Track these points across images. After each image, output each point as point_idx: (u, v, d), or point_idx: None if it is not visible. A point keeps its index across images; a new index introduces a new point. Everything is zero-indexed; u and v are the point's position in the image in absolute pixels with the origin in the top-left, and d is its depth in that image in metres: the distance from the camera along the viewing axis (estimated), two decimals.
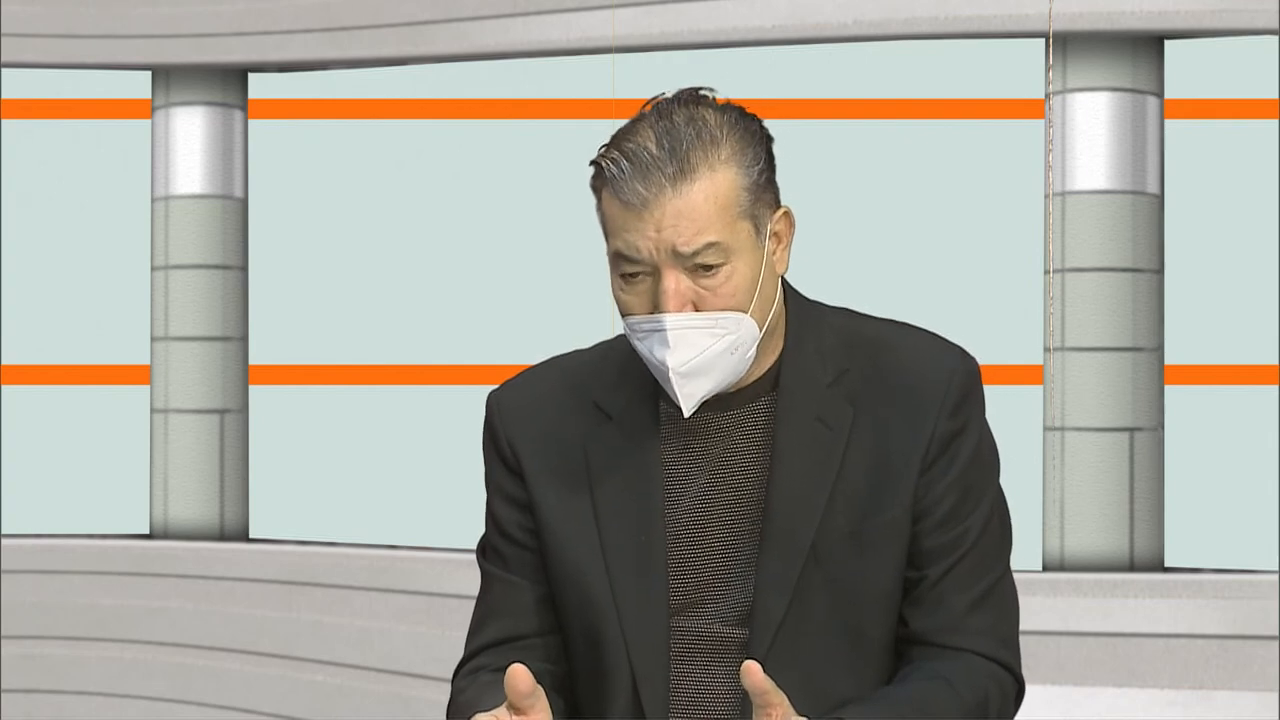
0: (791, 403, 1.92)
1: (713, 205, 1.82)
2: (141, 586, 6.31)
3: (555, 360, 2.07)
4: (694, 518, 1.93)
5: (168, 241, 6.42)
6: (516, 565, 2.01)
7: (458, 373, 6.05)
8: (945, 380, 1.92)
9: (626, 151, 1.82)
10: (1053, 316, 5.24)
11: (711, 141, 1.83)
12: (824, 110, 5.51)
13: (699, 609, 1.92)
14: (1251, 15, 4.99)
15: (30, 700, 6.39)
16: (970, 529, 1.92)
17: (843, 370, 1.94)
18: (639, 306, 1.86)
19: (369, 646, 5.93)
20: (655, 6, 5.52)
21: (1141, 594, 5.06)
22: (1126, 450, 5.22)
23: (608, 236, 1.87)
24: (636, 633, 1.92)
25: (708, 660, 1.92)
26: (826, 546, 1.89)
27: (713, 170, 1.83)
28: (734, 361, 1.87)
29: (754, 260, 1.86)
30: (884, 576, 1.90)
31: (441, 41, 5.89)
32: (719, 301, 1.84)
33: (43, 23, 6.35)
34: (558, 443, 1.98)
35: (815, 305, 1.99)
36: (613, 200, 1.84)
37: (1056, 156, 5.22)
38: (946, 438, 1.91)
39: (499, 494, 2.02)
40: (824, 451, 1.90)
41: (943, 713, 1.84)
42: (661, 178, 1.81)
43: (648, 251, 1.83)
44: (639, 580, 1.92)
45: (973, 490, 1.93)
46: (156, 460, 6.46)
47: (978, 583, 1.92)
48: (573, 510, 1.96)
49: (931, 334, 1.98)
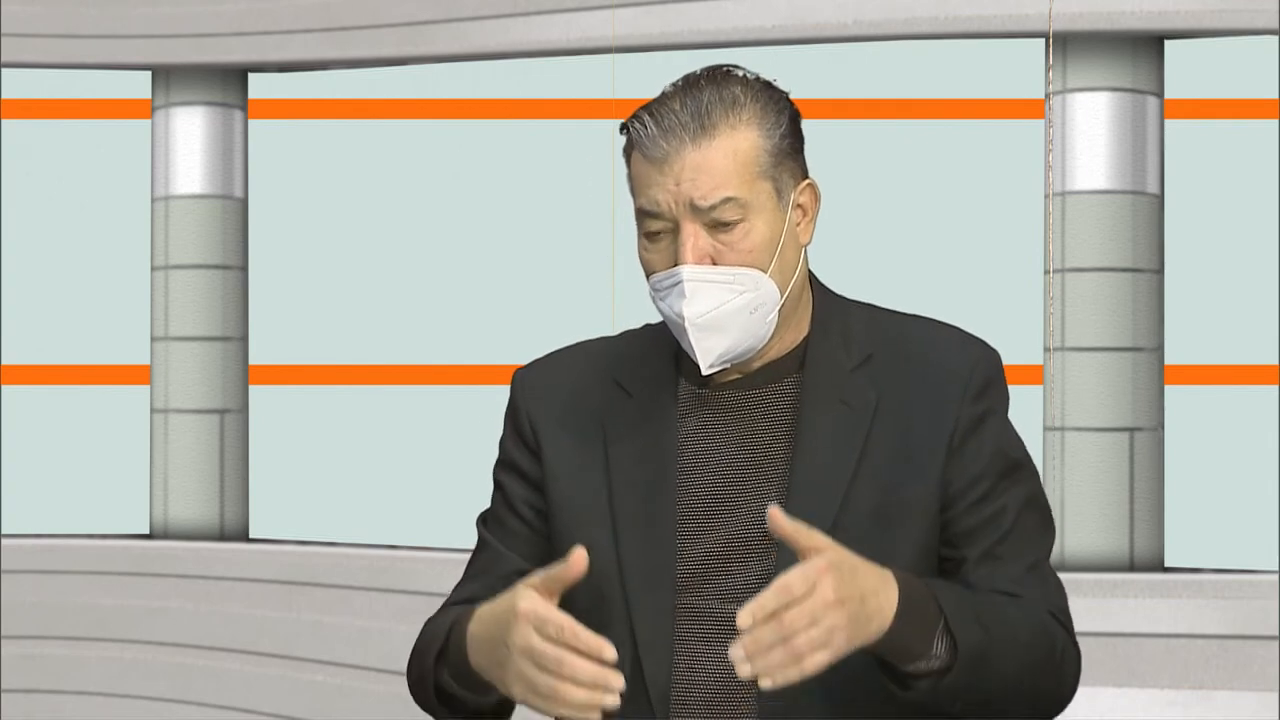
0: (816, 384, 1.95)
1: (731, 161, 1.87)
2: (141, 586, 6.32)
3: (581, 344, 2.11)
4: (711, 494, 1.95)
5: (168, 241, 6.42)
6: (511, 539, 2.04)
7: (458, 373, 6.05)
8: (969, 368, 1.95)
9: (653, 112, 1.89)
10: (1053, 316, 5.24)
11: (734, 103, 1.89)
12: (824, 110, 5.51)
13: (712, 585, 1.93)
14: (1251, 15, 4.99)
15: (30, 700, 6.39)
16: (1010, 505, 1.94)
17: (867, 355, 1.96)
18: (661, 264, 1.91)
19: (369, 646, 5.93)
20: (655, 6, 5.52)
21: (1141, 594, 5.06)
22: (1126, 450, 5.22)
23: (634, 196, 1.93)
24: (641, 607, 1.93)
25: (720, 637, 1.92)
26: (848, 524, 1.90)
27: (733, 129, 1.88)
28: (754, 323, 1.90)
29: (774, 222, 1.90)
30: (905, 555, 1.90)
31: (441, 41, 5.89)
32: (736, 257, 1.88)
33: (43, 23, 6.35)
34: (576, 418, 2.01)
35: (840, 297, 2.03)
36: (639, 158, 1.90)
37: (1056, 156, 5.23)
38: (973, 421, 1.93)
39: (512, 469, 2.05)
40: (848, 432, 1.93)
41: (1014, 620, 1.86)
42: (684, 133, 1.87)
43: (667, 205, 1.88)
44: (647, 555, 1.94)
45: (1009, 468, 1.95)
46: (156, 460, 6.46)
47: (1024, 556, 1.94)
48: (586, 485, 1.98)
49: (955, 327, 2.02)
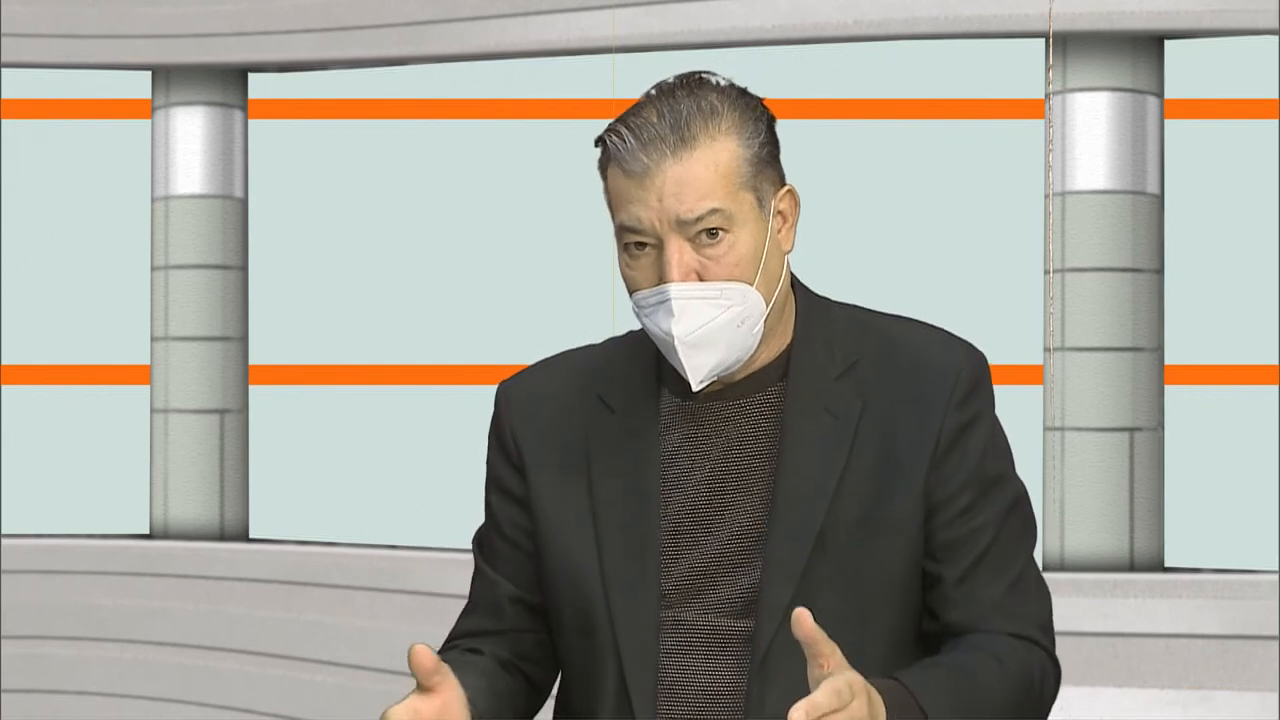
0: (800, 393, 1.93)
1: (714, 173, 1.85)
2: (141, 586, 6.31)
3: (566, 354, 2.09)
4: (696, 507, 1.94)
5: (168, 241, 6.42)
6: (502, 564, 2.03)
7: (457, 373, 6.05)
8: (953, 373, 1.93)
9: (630, 125, 1.86)
10: (1053, 316, 5.24)
11: (712, 112, 1.86)
12: (824, 110, 5.51)
13: (698, 599, 1.92)
14: (1251, 15, 4.99)
15: (30, 700, 6.39)
16: (991, 520, 1.93)
17: (851, 363, 1.95)
18: (644, 281, 1.88)
19: (369, 646, 5.93)
20: (655, 6, 5.52)
21: (1141, 594, 5.06)
22: (1126, 450, 5.22)
23: (613, 213, 1.90)
24: (625, 621, 1.92)
25: (705, 651, 1.92)
26: (834, 535, 1.89)
27: (713, 140, 1.86)
28: (741, 335, 1.88)
29: (757, 232, 1.88)
30: (891, 567, 1.90)
31: (441, 41, 5.89)
32: (722, 271, 1.86)
33: (43, 23, 6.35)
34: (560, 435, 2.00)
35: (823, 299, 2.01)
36: (617, 173, 1.87)
37: (1056, 156, 5.22)
38: (956, 430, 1.92)
39: (498, 488, 2.04)
40: (832, 441, 1.91)
41: (989, 681, 1.85)
42: (664, 146, 1.84)
43: (650, 222, 1.85)
44: (630, 569, 1.93)
45: (991, 482, 1.94)
46: (156, 460, 6.46)
47: (1007, 571, 1.93)
48: (570, 501, 1.97)
49: (940, 329, 2.00)
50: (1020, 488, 1.98)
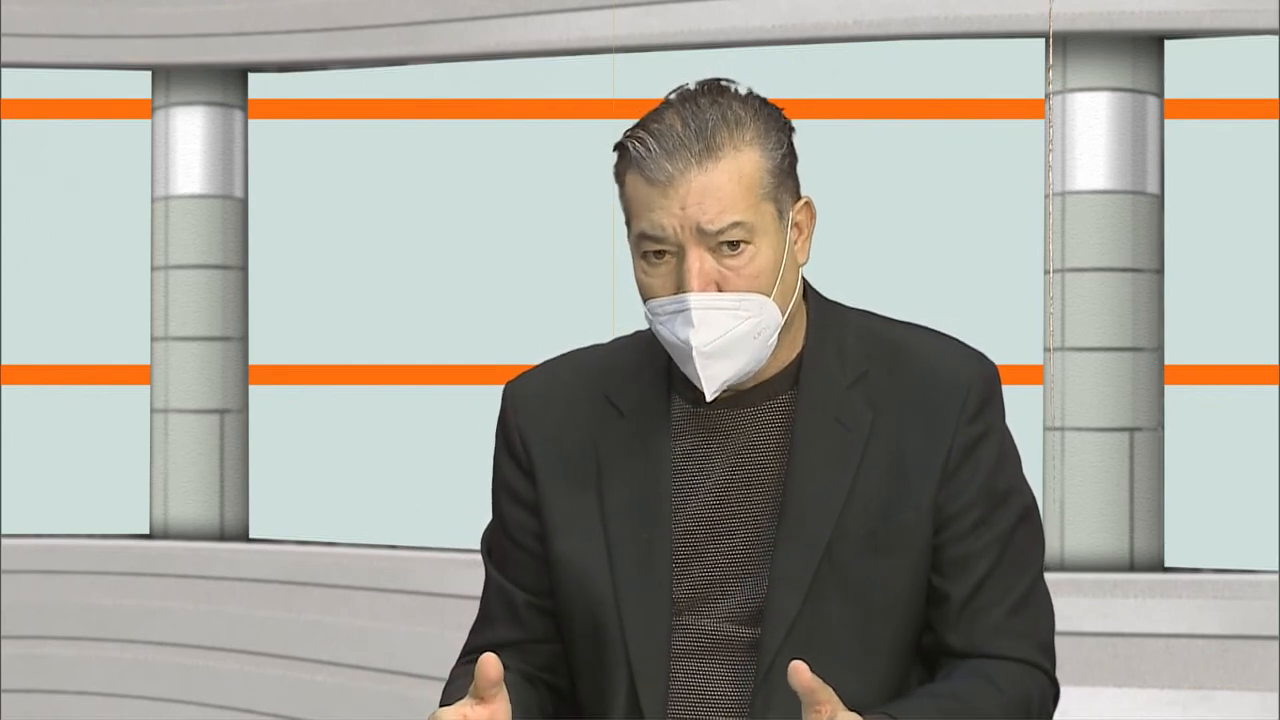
0: (811, 401, 1.92)
1: (737, 184, 1.83)
2: (141, 586, 6.31)
3: (572, 354, 2.07)
4: (706, 515, 1.93)
5: (168, 241, 6.42)
6: (513, 568, 2.01)
7: (458, 373, 6.05)
8: (965, 386, 1.92)
9: (653, 131, 1.84)
10: (1053, 316, 5.24)
11: (736, 123, 1.85)
12: (824, 110, 5.51)
13: (707, 606, 1.92)
14: (1251, 15, 4.98)
15: (30, 700, 6.39)
16: (999, 535, 1.92)
17: (862, 372, 1.94)
18: (662, 288, 1.86)
19: (369, 646, 5.92)
20: (655, 6, 5.52)
21: (1141, 594, 5.06)
22: (1126, 450, 5.22)
23: (631, 219, 1.88)
24: (636, 629, 1.91)
25: (714, 659, 1.91)
26: (842, 547, 1.89)
27: (737, 150, 1.84)
28: (757, 346, 1.87)
29: (777, 244, 1.87)
30: (899, 581, 1.90)
31: (441, 41, 5.89)
32: (742, 282, 1.85)
33: (43, 23, 6.35)
34: (569, 438, 1.98)
35: (836, 305, 2.00)
36: (638, 180, 1.85)
37: (1056, 156, 5.22)
38: (967, 445, 1.91)
39: (506, 492, 2.02)
40: (842, 452, 1.90)
41: (986, 710, 1.85)
42: (688, 154, 1.82)
43: (673, 230, 1.84)
44: (642, 577, 1.92)
45: (1000, 496, 1.93)
46: (156, 460, 6.46)
47: (1011, 591, 1.92)
48: (580, 506, 1.96)
49: (952, 339, 1.99)
50: (1029, 499, 1.97)
